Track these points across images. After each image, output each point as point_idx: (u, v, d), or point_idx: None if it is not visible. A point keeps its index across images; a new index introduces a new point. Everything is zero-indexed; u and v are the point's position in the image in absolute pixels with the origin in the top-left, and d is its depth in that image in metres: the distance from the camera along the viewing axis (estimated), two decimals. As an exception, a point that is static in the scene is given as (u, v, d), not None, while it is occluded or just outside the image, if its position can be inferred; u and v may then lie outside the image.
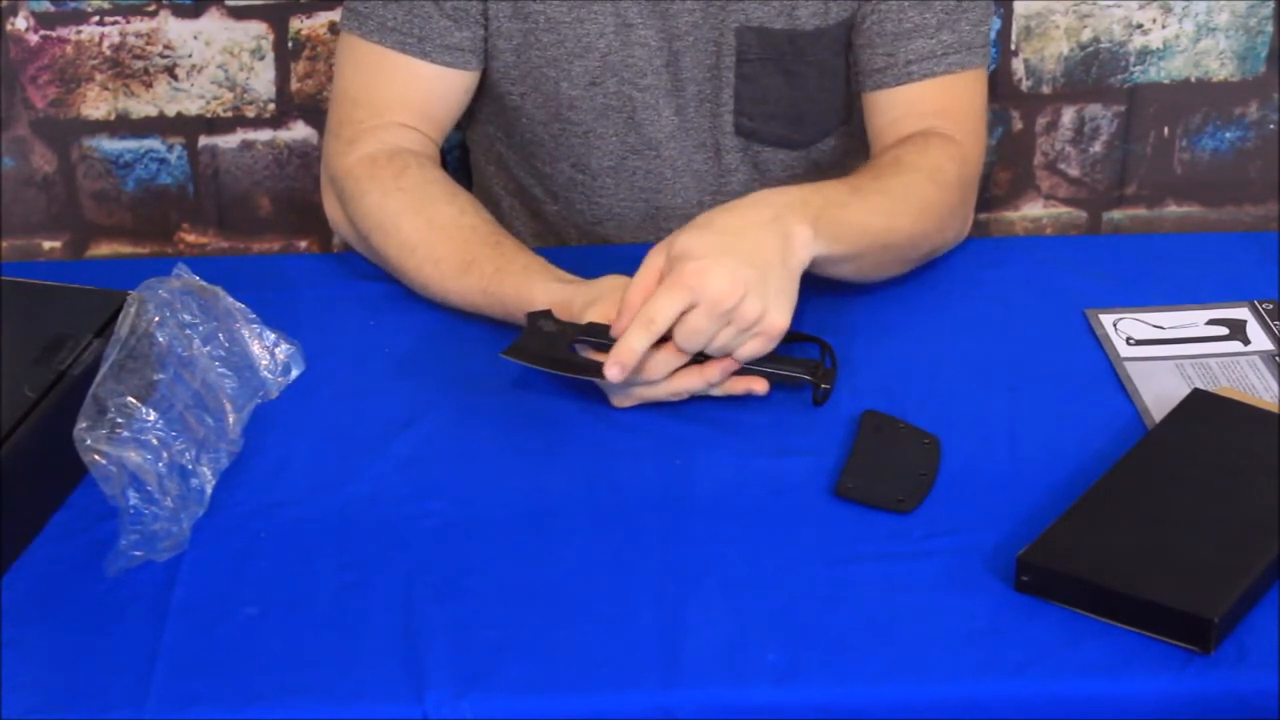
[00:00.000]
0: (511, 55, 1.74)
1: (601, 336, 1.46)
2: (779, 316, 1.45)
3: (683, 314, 1.42)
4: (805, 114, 1.78)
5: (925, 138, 1.68)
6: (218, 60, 2.30)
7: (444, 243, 1.61)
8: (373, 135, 1.71)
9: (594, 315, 1.49)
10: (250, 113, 2.34)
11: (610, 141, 1.78)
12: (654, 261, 1.45)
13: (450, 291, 1.61)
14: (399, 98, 1.72)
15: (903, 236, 1.61)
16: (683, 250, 1.44)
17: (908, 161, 1.65)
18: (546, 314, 1.50)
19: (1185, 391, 1.47)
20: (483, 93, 1.78)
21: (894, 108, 1.72)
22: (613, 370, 1.41)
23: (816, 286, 1.60)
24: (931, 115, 1.70)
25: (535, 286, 1.55)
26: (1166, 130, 2.40)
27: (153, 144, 2.35)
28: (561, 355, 1.47)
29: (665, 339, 1.44)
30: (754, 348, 1.45)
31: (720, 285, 1.42)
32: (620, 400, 1.49)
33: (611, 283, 1.52)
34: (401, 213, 1.64)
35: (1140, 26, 2.33)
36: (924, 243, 1.64)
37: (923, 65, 1.70)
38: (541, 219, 1.87)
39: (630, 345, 1.42)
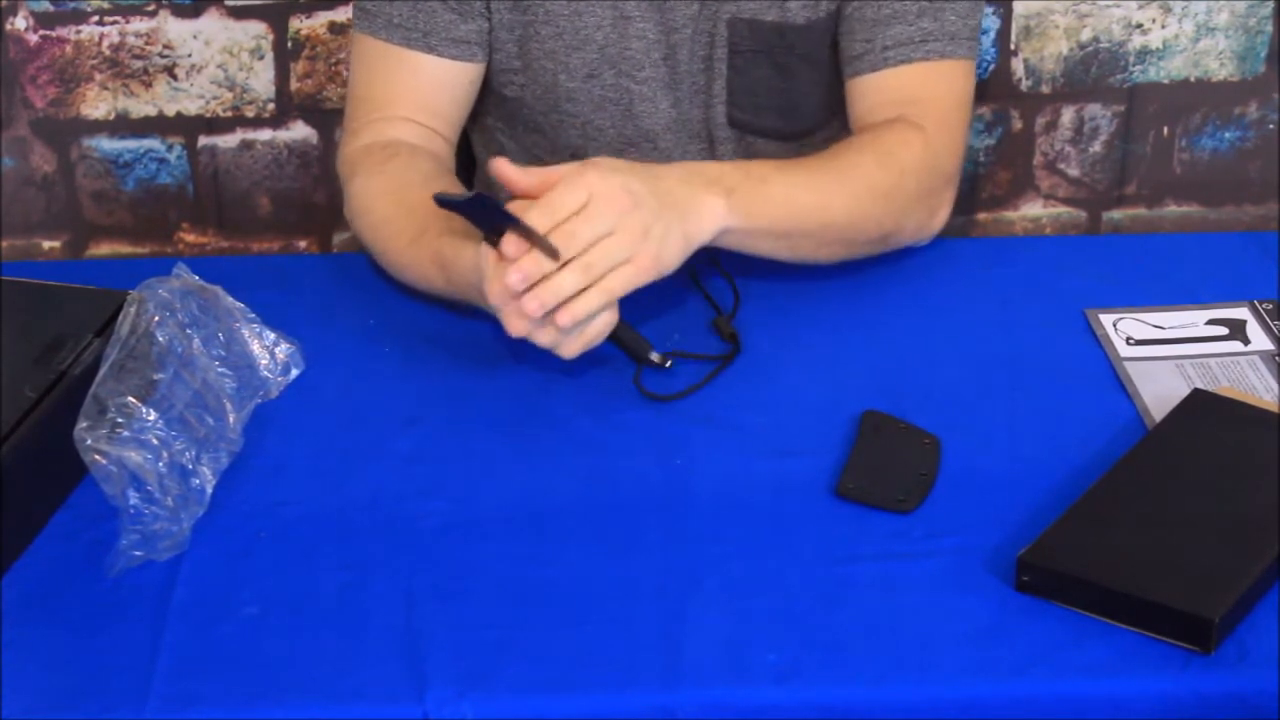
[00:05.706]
0: (514, 46, 1.75)
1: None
2: (657, 249, 1.43)
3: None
4: (796, 106, 1.78)
5: (888, 124, 1.67)
6: (217, 60, 2.30)
7: (406, 218, 1.60)
8: (373, 128, 1.72)
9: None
10: (250, 113, 2.34)
11: (607, 133, 1.78)
12: (558, 171, 1.43)
13: (405, 265, 1.60)
14: (405, 93, 1.73)
15: (840, 215, 1.58)
16: (589, 163, 1.44)
17: (856, 144, 1.64)
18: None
19: (1185, 391, 1.47)
20: (484, 83, 1.79)
21: (870, 94, 1.70)
22: (514, 277, 1.38)
23: (818, 285, 1.60)
24: (904, 103, 1.69)
25: (469, 245, 1.49)
26: (1166, 130, 2.40)
27: (152, 144, 2.35)
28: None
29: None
30: (625, 276, 1.42)
31: (615, 190, 1.42)
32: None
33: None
34: (378, 194, 1.65)
35: (1140, 26, 2.33)
36: (870, 225, 1.61)
37: (899, 51, 1.69)
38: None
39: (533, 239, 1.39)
